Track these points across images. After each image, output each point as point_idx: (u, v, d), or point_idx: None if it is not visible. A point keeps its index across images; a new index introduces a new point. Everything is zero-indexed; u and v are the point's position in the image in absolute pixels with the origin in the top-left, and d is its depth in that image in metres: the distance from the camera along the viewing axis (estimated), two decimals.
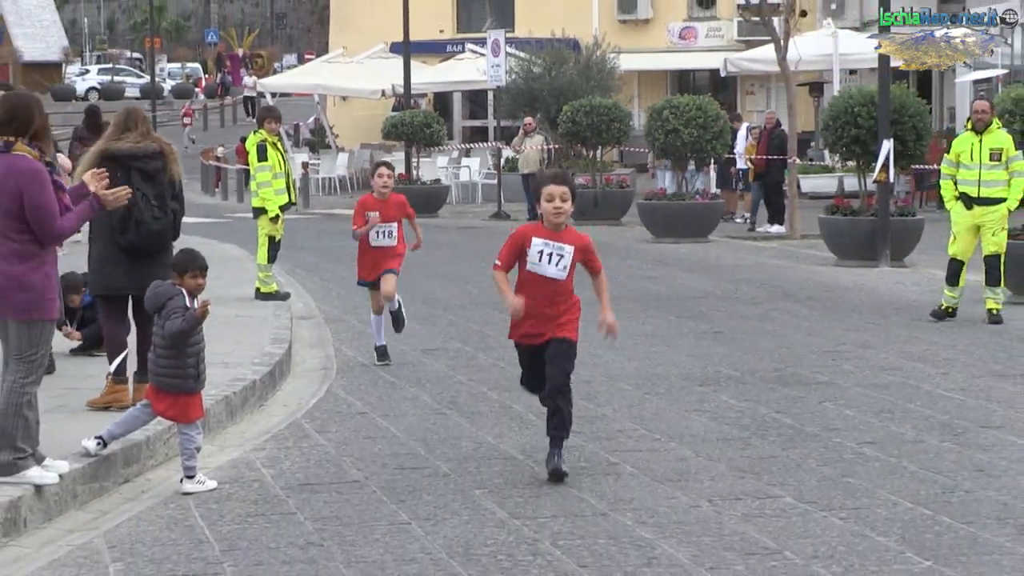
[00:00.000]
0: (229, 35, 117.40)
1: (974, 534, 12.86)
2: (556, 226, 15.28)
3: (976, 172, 24.69)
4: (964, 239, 24.73)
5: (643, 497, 14.35)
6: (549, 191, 14.92)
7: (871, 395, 19.41)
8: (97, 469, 14.93)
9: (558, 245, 14.98)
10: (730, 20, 65.96)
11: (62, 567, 12.47)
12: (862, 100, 38.96)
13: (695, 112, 45.81)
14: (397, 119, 60.17)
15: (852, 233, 36.50)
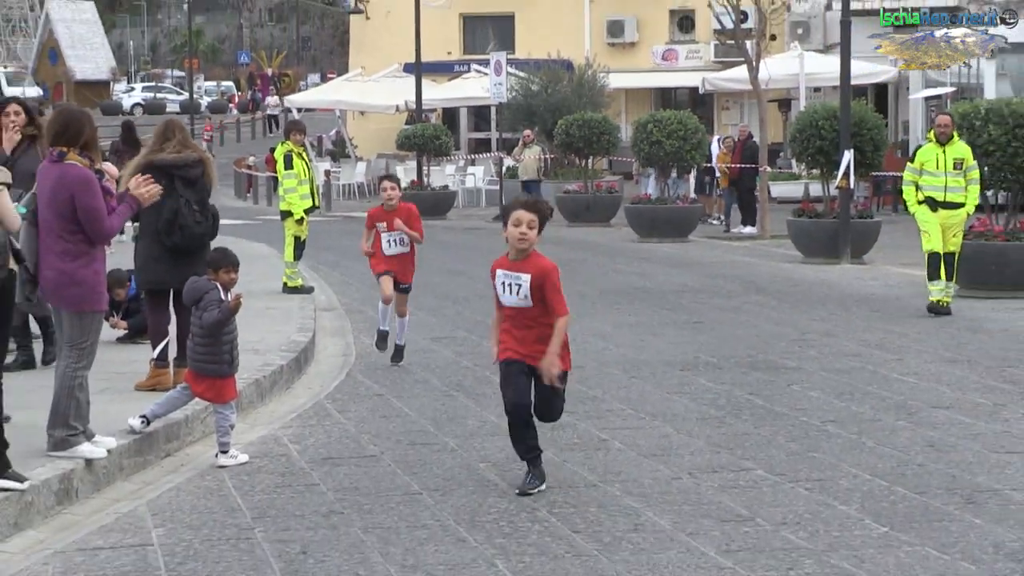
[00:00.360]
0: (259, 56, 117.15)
1: (926, 503, 12.91)
2: (520, 253, 13.66)
3: (942, 179, 24.67)
4: (937, 235, 24.63)
5: (630, 470, 14.42)
6: (517, 216, 13.41)
7: (834, 378, 19.43)
8: (141, 445, 15.08)
9: (514, 275, 13.48)
10: (707, 43, 65.82)
11: (109, 532, 12.53)
12: (825, 115, 39.03)
13: (676, 126, 45.88)
14: (410, 131, 60.14)
15: (816, 234, 36.55)
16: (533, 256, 13.60)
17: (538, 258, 13.61)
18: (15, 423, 13.72)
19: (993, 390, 18.50)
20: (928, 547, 11.49)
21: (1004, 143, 27.21)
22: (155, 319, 18.28)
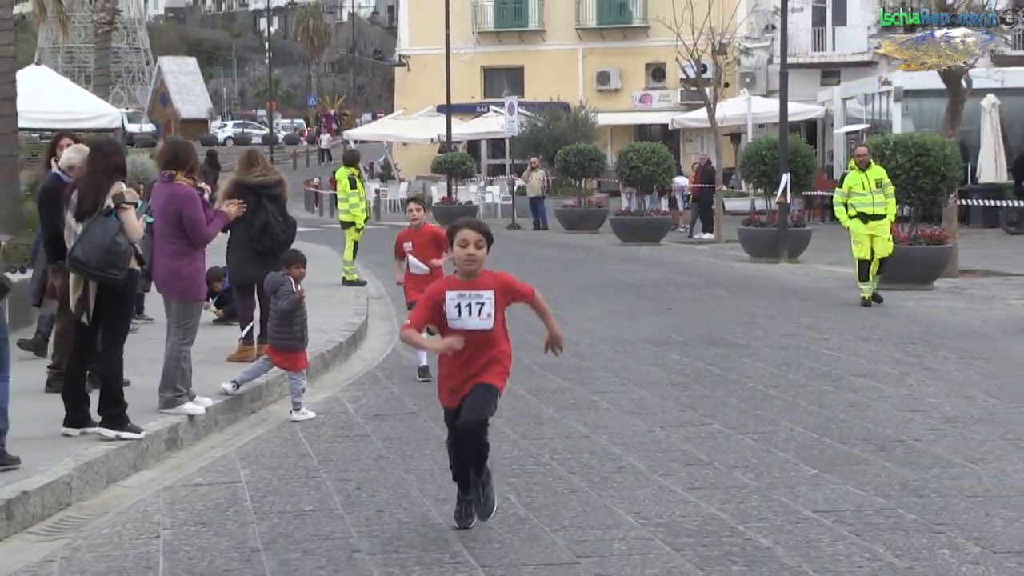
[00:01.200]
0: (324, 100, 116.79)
1: (847, 451, 12.89)
2: (469, 274, 10.70)
3: (869, 198, 24.62)
4: (867, 245, 24.60)
5: (614, 425, 14.38)
6: (463, 236, 10.49)
7: (774, 353, 19.39)
8: (231, 404, 15.20)
9: (475, 293, 10.51)
10: (675, 89, 65.56)
11: (207, 472, 12.57)
12: (768, 146, 38.98)
13: (651, 154, 45.83)
14: (442, 158, 60.13)
15: (761, 239, 36.43)
16: (484, 273, 10.65)
17: (488, 273, 10.74)
18: (134, 387, 13.78)
19: (899, 362, 18.48)
20: (849, 485, 11.48)
21: (908, 168, 27.34)
22: (243, 307, 18.44)
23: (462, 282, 10.23)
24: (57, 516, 11.08)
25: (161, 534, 10.41)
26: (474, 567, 9.37)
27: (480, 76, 70.28)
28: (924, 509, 10.71)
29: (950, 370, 17.88)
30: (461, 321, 10.20)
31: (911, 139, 29.19)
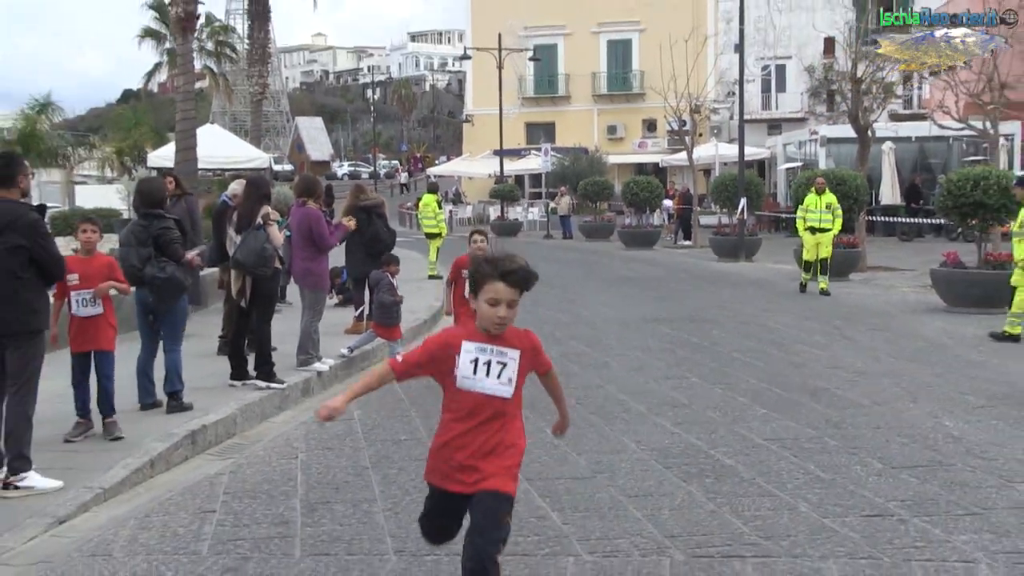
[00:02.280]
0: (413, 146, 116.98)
1: (788, 396, 12.82)
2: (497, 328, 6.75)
3: (818, 215, 24.41)
4: (812, 251, 24.44)
5: (621, 379, 14.30)
6: (495, 291, 6.46)
7: (739, 327, 19.29)
8: (347, 364, 15.19)
9: (499, 350, 6.77)
10: (664, 137, 65.24)
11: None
12: (730, 178, 39.05)
13: (646, 184, 45.87)
14: (497, 188, 60.12)
15: (726, 244, 36.18)
16: (510, 328, 6.69)
17: (516, 329, 6.76)
18: (279, 352, 13.76)
19: (828, 334, 18.39)
20: (789, 421, 11.44)
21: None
22: (358, 294, 18.45)
23: (485, 335, 6.28)
24: (226, 443, 11.22)
25: (299, 455, 10.48)
26: (521, 477, 9.38)
27: (523, 129, 70.12)
28: (842, 438, 10.72)
29: (862, 338, 17.81)
30: (474, 381, 6.29)
31: (833, 173, 29.12)
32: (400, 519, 8.27)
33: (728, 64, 54.73)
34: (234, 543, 7.81)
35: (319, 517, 8.40)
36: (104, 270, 10.79)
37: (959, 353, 16.23)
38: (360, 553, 7.53)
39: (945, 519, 8.08)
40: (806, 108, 52.57)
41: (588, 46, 71.44)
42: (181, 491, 9.32)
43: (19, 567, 7.45)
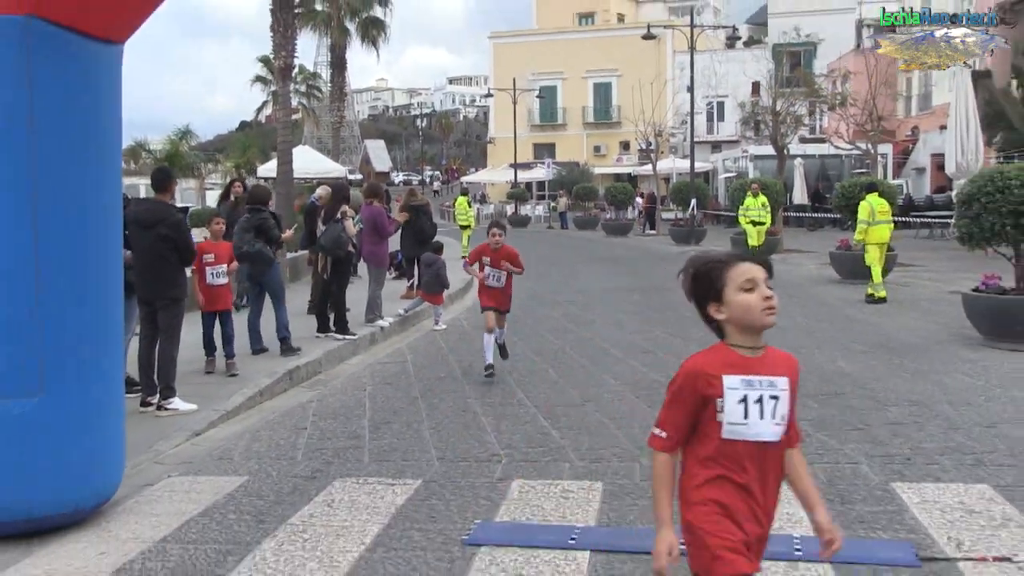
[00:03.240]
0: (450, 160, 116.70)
1: None
2: (757, 341, 3.38)
3: (756, 212, 24.31)
4: (754, 240, 24.32)
5: (604, 332, 14.26)
6: (744, 271, 3.36)
7: None
8: (403, 322, 15.09)
9: (768, 380, 3.22)
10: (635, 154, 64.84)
11: (391, 357, 12.58)
12: (684, 185, 39.02)
13: (622, 188, 45.82)
14: (512, 191, 60.20)
15: (680, 233, 35.89)
16: (771, 350, 3.47)
17: (777, 351, 3.52)
18: (351, 312, 13.75)
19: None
20: None
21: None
22: (408, 270, 18.49)
23: (744, 359, 3.36)
24: (314, 379, 11.21)
25: (366, 388, 10.49)
26: (528, 405, 9.39)
27: (531, 148, 69.81)
28: None
29: (783, 302, 17.51)
30: (747, 428, 3.20)
31: (759, 180, 29.02)
32: (441, 435, 8.29)
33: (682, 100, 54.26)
34: (320, 451, 7.85)
35: (381, 433, 8.43)
36: (228, 251, 11.09)
37: (849, 313, 16.18)
38: (411, 460, 7.55)
39: (838, 433, 8.07)
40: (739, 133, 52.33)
41: (579, 87, 71.17)
42: (282, 413, 9.37)
43: (168, 465, 7.55)
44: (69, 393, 5.90)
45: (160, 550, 5.67)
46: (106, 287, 6.22)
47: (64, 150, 5.83)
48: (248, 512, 6.33)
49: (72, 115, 5.86)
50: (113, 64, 6.23)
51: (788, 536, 5.63)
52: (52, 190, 5.79)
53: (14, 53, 5.60)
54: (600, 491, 6.62)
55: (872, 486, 6.69)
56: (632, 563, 5.30)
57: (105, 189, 6.19)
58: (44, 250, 5.77)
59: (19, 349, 5.74)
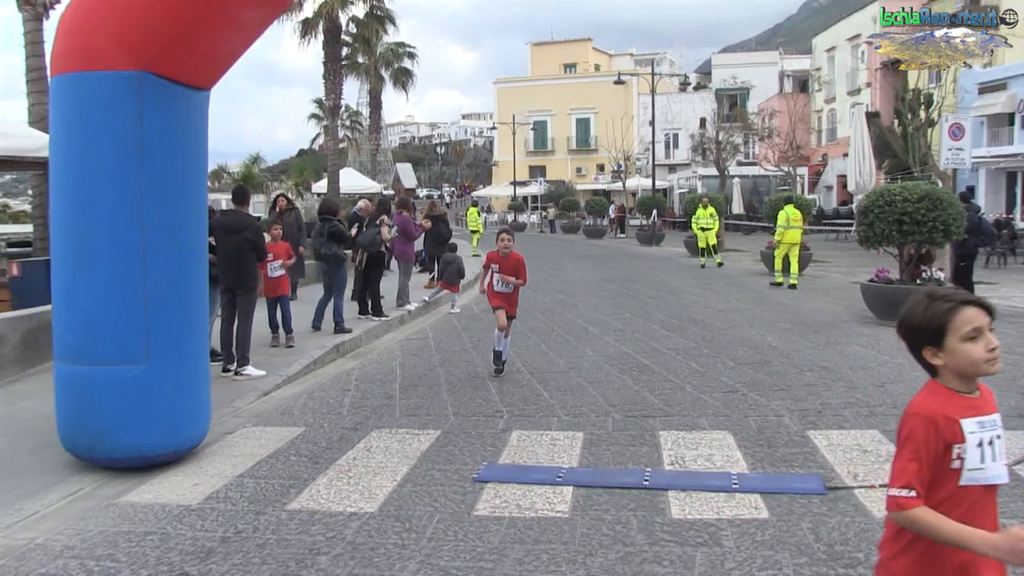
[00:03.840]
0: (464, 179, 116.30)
1: (679, 324, 12.73)
2: (974, 383, 2.24)
3: (706, 220, 24.07)
4: (703, 240, 24.04)
5: (584, 315, 14.20)
6: (970, 318, 2.16)
7: (652, 284, 19.19)
8: (425, 307, 14.98)
9: (993, 419, 2.19)
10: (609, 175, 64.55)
11: (416, 334, 12.48)
12: (647, 199, 38.75)
13: (598, 201, 45.75)
14: (512, 203, 60.07)
15: (644, 236, 35.72)
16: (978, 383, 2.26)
17: (982, 384, 2.28)
18: (385, 299, 13.74)
19: (703, 288, 18.28)
20: (680, 338, 11.39)
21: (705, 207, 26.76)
22: (430, 265, 18.50)
23: (966, 400, 2.22)
24: (356, 351, 11.19)
25: (397, 359, 10.48)
26: (525, 372, 9.39)
27: (527, 169, 69.60)
28: (711, 348, 10.67)
29: (724, 290, 17.71)
30: (981, 473, 2.19)
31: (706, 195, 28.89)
32: (456, 396, 8.30)
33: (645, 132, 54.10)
34: (361, 408, 7.86)
35: (409, 395, 8.44)
36: (285, 250, 11.08)
37: (774, 298, 16.18)
38: (433, 415, 7.56)
39: (767, 392, 8.10)
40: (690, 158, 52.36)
41: (565, 121, 70.81)
42: (331, 378, 9.35)
43: (243, 418, 7.55)
44: (168, 361, 5.96)
45: (239, 483, 5.72)
46: (195, 278, 6.26)
47: (165, 171, 5.90)
48: (305, 455, 6.37)
49: (171, 145, 5.94)
50: (203, 105, 6.30)
51: (727, 473, 5.71)
52: (155, 202, 5.86)
53: (130, 100, 5.74)
54: (581, 440, 6.64)
55: (792, 433, 6.73)
56: (606, 495, 5.34)
57: (194, 202, 6.22)
58: (150, 249, 5.83)
59: (131, 326, 5.81)
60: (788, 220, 18.86)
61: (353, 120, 57.35)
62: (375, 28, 34.75)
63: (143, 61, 5.69)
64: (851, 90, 46.96)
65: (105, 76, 5.67)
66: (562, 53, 75.65)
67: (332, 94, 30.78)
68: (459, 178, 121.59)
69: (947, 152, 17.45)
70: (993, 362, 2.28)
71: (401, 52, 42.86)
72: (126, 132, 5.73)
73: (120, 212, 5.75)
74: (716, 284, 19.10)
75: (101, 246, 5.74)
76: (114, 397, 5.79)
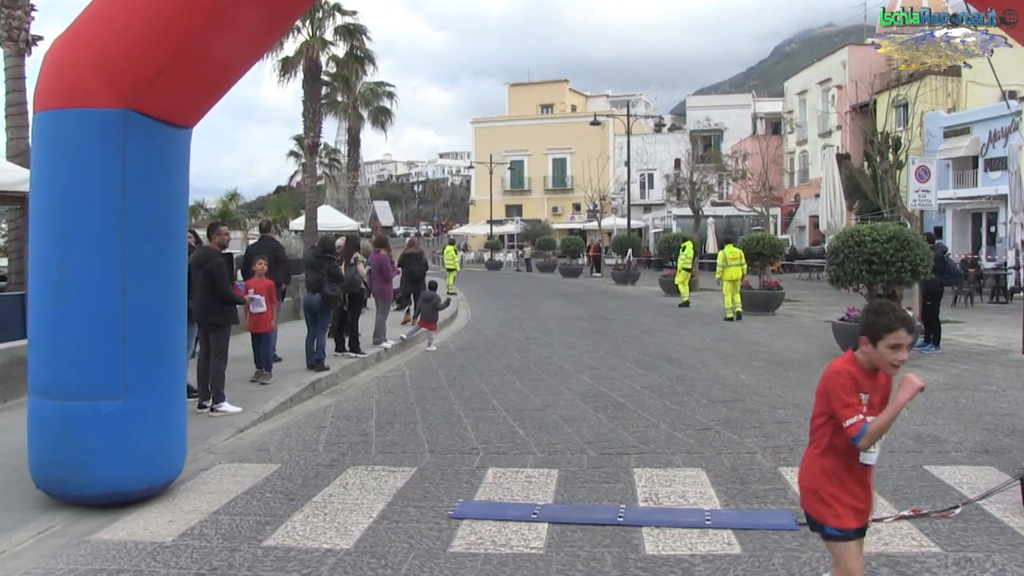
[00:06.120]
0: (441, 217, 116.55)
1: (652, 361, 12.77)
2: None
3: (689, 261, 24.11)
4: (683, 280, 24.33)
5: (559, 352, 14.23)
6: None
7: (626, 322, 19.30)
8: (402, 344, 14.90)
9: None
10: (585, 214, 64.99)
11: (392, 372, 12.43)
12: (622, 238, 38.92)
13: (576, 239, 45.85)
14: (489, 242, 60.21)
15: (620, 275, 35.62)
16: None
17: None
18: (363, 336, 13.71)
19: (677, 325, 18.38)
20: (654, 376, 11.42)
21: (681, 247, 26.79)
22: (406, 303, 18.41)
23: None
24: (332, 388, 11.14)
25: (374, 396, 10.45)
26: (500, 409, 9.39)
27: (504, 208, 69.83)
28: (684, 386, 10.74)
29: (697, 328, 17.79)
30: None
31: (682, 235, 29.19)
32: (432, 433, 8.30)
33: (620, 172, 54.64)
34: (337, 445, 7.84)
35: (385, 432, 8.42)
36: (267, 288, 10.89)
37: (749, 337, 16.31)
38: (409, 452, 7.56)
39: (740, 430, 8.17)
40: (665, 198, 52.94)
41: (542, 161, 71.33)
42: (307, 415, 9.32)
43: (219, 455, 7.51)
44: (145, 396, 5.94)
45: (214, 520, 5.68)
46: (174, 313, 6.26)
47: (145, 208, 5.93)
48: (281, 492, 6.34)
49: (153, 182, 5.98)
50: (184, 143, 6.35)
51: (701, 509, 5.75)
52: (135, 238, 5.87)
53: (113, 138, 5.79)
54: (556, 477, 6.66)
55: (764, 470, 6.79)
56: (581, 532, 5.36)
57: (174, 238, 6.25)
58: (129, 284, 5.84)
59: (108, 361, 5.81)
60: (726, 259, 20.21)
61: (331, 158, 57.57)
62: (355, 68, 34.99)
63: (127, 100, 5.76)
64: (822, 132, 47.80)
65: (89, 114, 5.73)
66: (539, 94, 76.44)
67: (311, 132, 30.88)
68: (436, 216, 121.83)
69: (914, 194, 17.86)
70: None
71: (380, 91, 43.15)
72: (108, 169, 5.78)
73: (100, 247, 5.77)
74: (690, 323, 19.22)
75: (80, 281, 5.75)
76: (89, 432, 5.76)
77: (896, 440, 7.63)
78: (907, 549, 5.01)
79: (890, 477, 6.47)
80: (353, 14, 33.05)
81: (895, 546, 5.06)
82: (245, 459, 7.35)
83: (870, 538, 5.14)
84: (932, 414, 8.91)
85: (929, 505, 5.78)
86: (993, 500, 5.89)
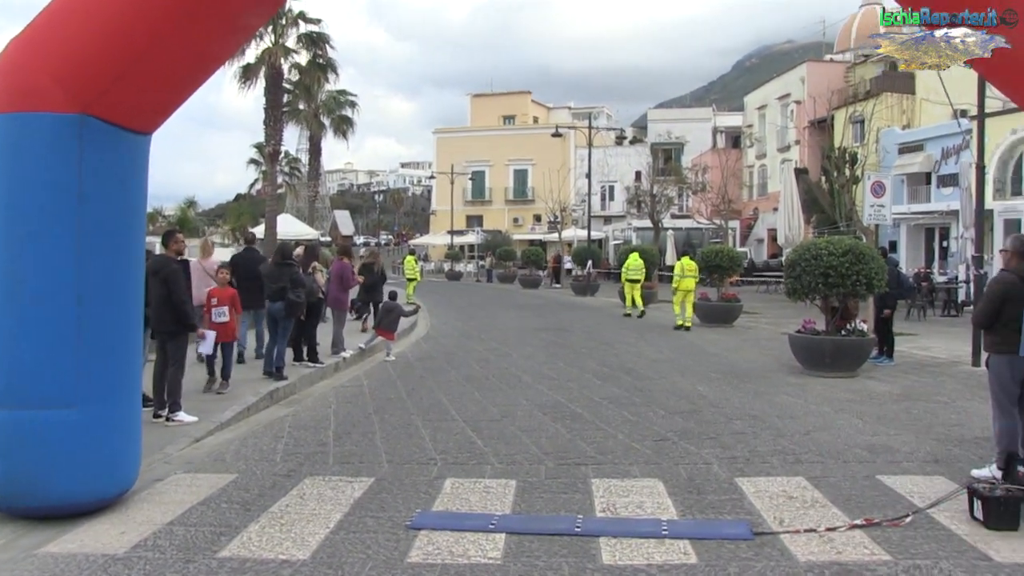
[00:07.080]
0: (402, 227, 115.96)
1: (611, 373, 12.87)
2: None
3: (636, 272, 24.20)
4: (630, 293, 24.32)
5: (519, 363, 14.23)
6: None
7: (585, 333, 19.38)
8: (361, 355, 14.82)
9: None
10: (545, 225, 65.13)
11: (350, 382, 12.36)
12: (583, 250, 39.11)
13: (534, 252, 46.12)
14: (449, 252, 60.15)
15: (580, 287, 35.94)
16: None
17: None
18: (321, 345, 13.62)
19: (636, 337, 18.49)
20: (612, 387, 11.48)
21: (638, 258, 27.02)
22: (365, 312, 18.35)
23: None
24: (290, 398, 11.04)
25: (332, 406, 10.38)
26: (459, 420, 9.39)
27: (465, 218, 69.82)
28: (642, 396, 10.81)
29: (654, 340, 17.94)
30: None
31: (640, 247, 29.39)
32: (390, 443, 8.28)
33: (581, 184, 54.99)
34: (294, 455, 7.78)
35: (343, 442, 8.38)
36: (230, 297, 10.73)
37: (706, 348, 16.47)
38: (367, 462, 7.53)
39: (697, 441, 8.25)
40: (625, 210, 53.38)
41: (503, 172, 71.49)
42: (264, 425, 9.23)
43: (174, 465, 7.42)
44: (98, 405, 5.84)
45: (168, 531, 5.61)
46: (130, 321, 6.18)
47: (102, 214, 5.85)
48: (237, 502, 6.28)
49: (110, 188, 5.90)
50: (143, 149, 6.28)
51: (658, 519, 5.80)
52: (91, 244, 5.78)
53: (69, 142, 5.70)
54: (514, 487, 6.67)
55: (721, 480, 6.87)
56: (539, 542, 5.38)
57: (131, 244, 6.17)
58: (83, 291, 5.75)
59: (60, 369, 5.70)
60: (683, 270, 20.63)
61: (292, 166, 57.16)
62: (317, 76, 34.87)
63: (83, 104, 5.68)
64: (781, 147, 48.55)
65: (44, 118, 5.64)
66: (501, 105, 76.67)
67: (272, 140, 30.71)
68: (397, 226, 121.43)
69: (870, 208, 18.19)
70: None
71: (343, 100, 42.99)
72: (64, 174, 5.68)
73: (54, 254, 5.68)
74: (648, 334, 19.36)
75: (32, 287, 5.65)
76: (39, 442, 5.64)
77: (850, 451, 7.77)
78: (859, 557, 5.10)
79: (843, 487, 6.60)
80: (318, 22, 32.97)
81: (847, 555, 5.15)
82: (201, 469, 7.27)
83: (823, 547, 5.25)
84: (885, 424, 9.09)
85: (881, 514, 5.89)
86: (942, 508, 6.03)
